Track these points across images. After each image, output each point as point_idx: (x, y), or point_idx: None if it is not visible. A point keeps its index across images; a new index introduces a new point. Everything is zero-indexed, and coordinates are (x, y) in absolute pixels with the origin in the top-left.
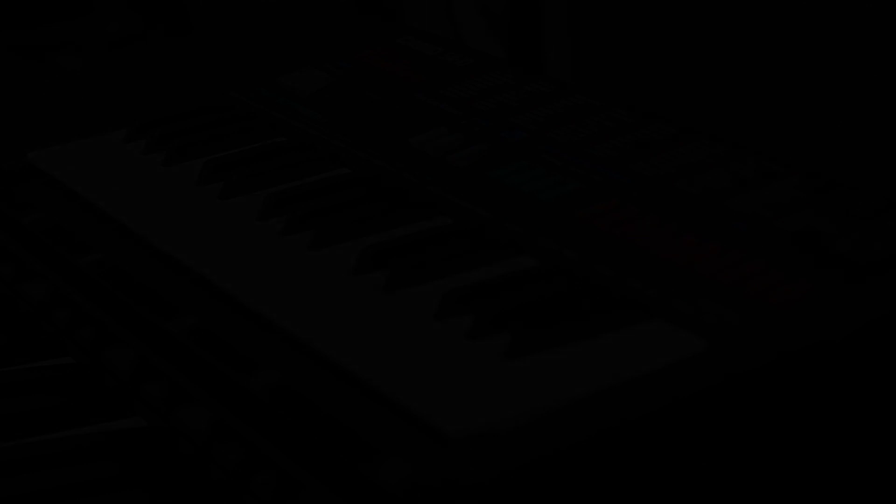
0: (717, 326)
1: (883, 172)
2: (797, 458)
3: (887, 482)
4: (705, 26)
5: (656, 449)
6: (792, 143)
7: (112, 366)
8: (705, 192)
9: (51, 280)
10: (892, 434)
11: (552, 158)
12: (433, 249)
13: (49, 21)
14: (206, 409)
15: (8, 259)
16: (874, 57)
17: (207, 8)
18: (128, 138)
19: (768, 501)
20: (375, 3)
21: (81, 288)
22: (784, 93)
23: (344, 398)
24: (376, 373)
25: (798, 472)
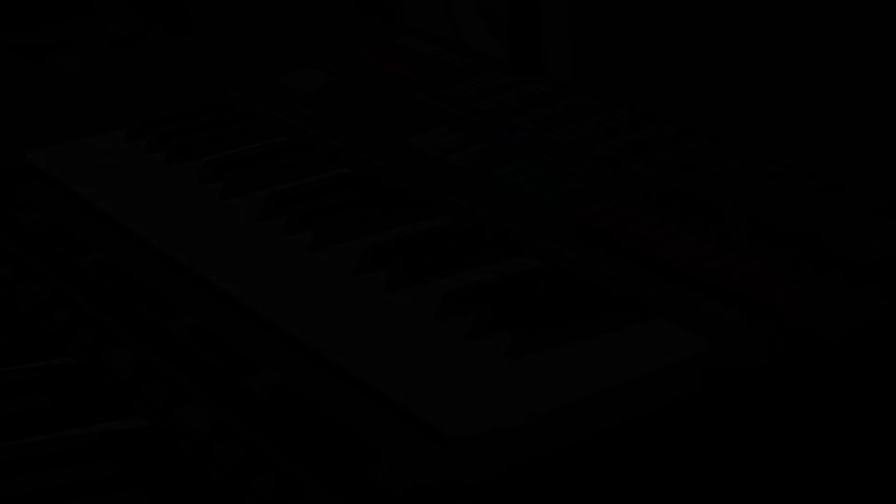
0: (717, 326)
1: (883, 172)
2: (797, 457)
3: (887, 482)
4: (705, 26)
5: (656, 449)
6: (792, 143)
7: (112, 366)
8: (705, 191)
9: (51, 280)
10: (891, 434)
11: (552, 158)
12: (433, 249)
13: (49, 21)
14: (206, 409)
15: (8, 259)
16: (874, 57)
17: (207, 8)
18: (128, 138)
19: (768, 501)
20: (375, 3)
21: (81, 288)
22: (784, 93)
23: (344, 398)
24: (376, 373)
25: (798, 472)
